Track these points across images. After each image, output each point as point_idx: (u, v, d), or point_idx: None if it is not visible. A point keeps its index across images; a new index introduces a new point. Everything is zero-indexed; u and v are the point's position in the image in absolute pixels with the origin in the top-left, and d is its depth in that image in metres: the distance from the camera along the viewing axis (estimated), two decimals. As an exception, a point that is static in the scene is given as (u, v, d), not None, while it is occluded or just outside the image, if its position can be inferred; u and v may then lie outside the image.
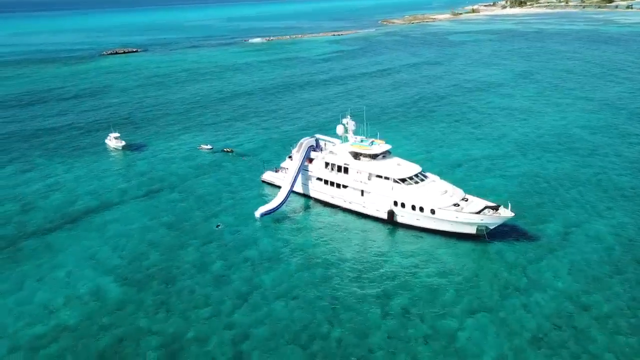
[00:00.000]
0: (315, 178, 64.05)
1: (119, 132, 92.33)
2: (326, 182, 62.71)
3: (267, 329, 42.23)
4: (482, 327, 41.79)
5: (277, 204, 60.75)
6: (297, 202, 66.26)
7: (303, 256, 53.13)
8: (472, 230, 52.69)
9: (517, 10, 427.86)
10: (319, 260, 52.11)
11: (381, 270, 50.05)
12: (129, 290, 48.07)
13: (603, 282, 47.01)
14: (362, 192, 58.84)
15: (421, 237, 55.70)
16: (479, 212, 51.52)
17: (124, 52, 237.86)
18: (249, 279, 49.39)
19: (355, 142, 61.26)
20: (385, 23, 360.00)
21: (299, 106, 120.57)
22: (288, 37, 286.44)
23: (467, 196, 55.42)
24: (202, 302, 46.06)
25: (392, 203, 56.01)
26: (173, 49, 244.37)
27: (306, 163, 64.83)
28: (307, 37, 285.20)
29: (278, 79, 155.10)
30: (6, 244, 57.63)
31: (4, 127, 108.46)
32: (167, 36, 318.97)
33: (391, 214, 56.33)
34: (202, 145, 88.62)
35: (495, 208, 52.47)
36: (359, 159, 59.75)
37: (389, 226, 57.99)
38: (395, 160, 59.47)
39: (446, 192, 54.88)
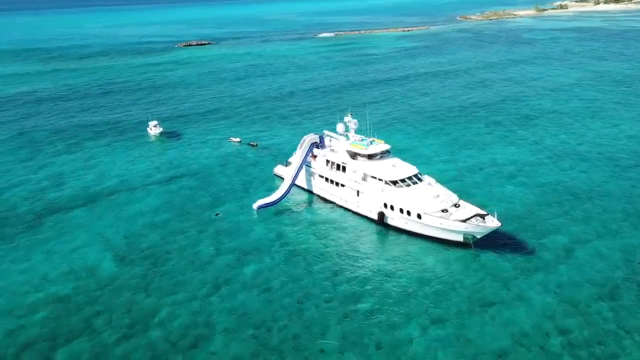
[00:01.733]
0: (317, 175, 64.62)
1: (157, 120, 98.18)
2: (327, 179, 63.07)
3: (231, 318, 43.61)
4: (442, 338, 40.44)
5: (275, 199, 62.09)
6: (300, 198, 67.18)
7: (289, 250, 54.05)
8: (459, 238, 50.90)
9: (611, 6, 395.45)
10: (303, 256, 52.75)
11: (360, 271, 49.76)
12: (121, 269, 51.56)
13: (592, 306, 43.57)
14: (358, 192, 58.60)
15: (409, 241, 54.47)
16: (465, 220, 49.61)
17: (197, 45, 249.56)
18: (231, 268, 51.15)
19: (355, 142, 60.99)
20: (461, 19, 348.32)
21: (348, 105, 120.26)
22: (357, 32, 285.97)
23: (460, 202, 53.44)
24: (181, 285, 48.42)
25: (383, 205, 55.37)
26: (244, 43, 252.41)
27: (311, 160, 65.58)
28: (376, 32, 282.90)
29: (337, 77, 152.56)
30: (32, 217, 63.76)
31: (73, 115, 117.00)
32: (242, 29, 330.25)
33: (381, 215, 55.69)
34: (231, 138, 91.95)
35: (489, 216, 50.33)
36: (356, 159, 59.48)
37: (380, 227, 57.40)
38: (391, 161, 58.48)
39: (438, 196, 53.24)
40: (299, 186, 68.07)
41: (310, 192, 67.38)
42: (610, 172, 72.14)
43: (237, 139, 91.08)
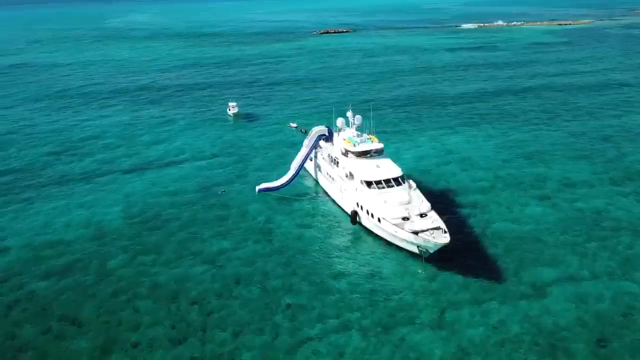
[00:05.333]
0: (321, 167, 65.45)
1: (236, 102, 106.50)
2: (326, 172, 63.59)
3: (172, 285, 47.58)
4: (339, 344, 39.72)
5: (276, 185, 64.60)
6: (306, 187, 68.51)
7: (264, 235, 56.00)
8: (414, 248, 48.21)
9: None
10: (272, 242, 54.53)
11: (311, 264, 49.98)
12: (121, 228, 59.01)
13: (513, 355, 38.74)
14: (344, 188, 58.26)
15: (376, 244, 52.77)
16: (417, 232, 46.71)
17: (335, 32, 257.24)
18: (205, 242, 55.06)
19: (350, 137, 60.25)
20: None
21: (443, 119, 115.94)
22: (505, 24, 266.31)
23: (431, 213, 50.03)
24: (156, 250, 53.57)
25: (355, 204, 54.55)
26: (381, 32, 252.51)
27: (320, 151, 66.50)
28: (526, 25, 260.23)
29: (451, 79, 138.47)
30: (92, 173, 75.76)
31: (196, 100, 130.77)
32: (390, 18, 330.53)
33: (354, 214, 54.90)
34: (290, 123, 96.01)
35: (445, 232, 46.73)
36: (347, 155, 58.87)
37: (356, 227, 56.22)
38: (378, 161, 56.53)
39: (406, 203, 50.56)
40: (312, 176, 69.71)
41: (317, 182, 68.66)
42: (677, 206, 59.86)
43: (294, 125, 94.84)
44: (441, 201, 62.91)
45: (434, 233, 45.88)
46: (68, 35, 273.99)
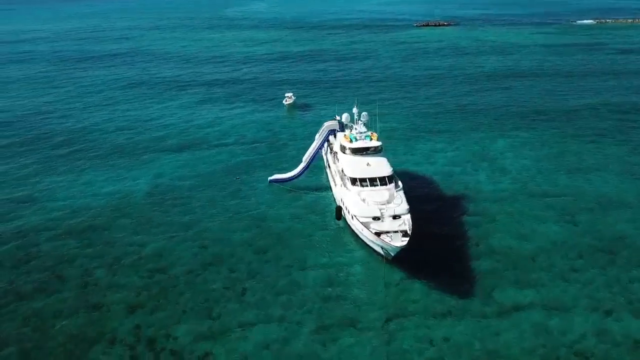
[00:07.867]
0: (329, 161, 65.52)
1: (292, 92, 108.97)
2: (329, 167, 63.59)
3: (155, 258, 51.41)
4: (271, 337, 40.65)
5: (287, 177, 65.83)
6: (318, 182, 68.62)
7: (257, 223, 57.82)
8: (379, 249, 46.91)
9: None
10: (260, 229, 56.12)
11: (284, 255, 50.98)
12: (141, 201, 64.39)
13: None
14: (337, 184, 58.00)
15: (356, 242, 52.29)
16: (379, 234, 45.29)
17: (435, 25, 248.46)
18: (200, 222, 58.14)
19: (350, 134, 59.25)
20: None
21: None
22: (630, 20, 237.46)
23: (405, 216, 48.05)
24: (155, 226, 57.77)
25: (340, 200, 54.10)
26: (486, 27, 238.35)
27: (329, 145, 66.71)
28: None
29: (527, 89, 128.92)
30: (141, 150, 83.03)
31: (264, 80, 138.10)
32: (498, 12, 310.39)
33: (339, 210, 54.45)
34: (336, 117, 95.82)
35: (405, 235, 44.90)
36: (345, 151, 58.17)
37: (341, 222, 55.84)
38: (370, 159, 54.96)
39: (382, 203, 49.03)
40: (325, 170, 70.13)
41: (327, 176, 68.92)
42: None
43: (338, 118, 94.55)
44: (449, 206, 60.30)
45: (393, 236, 44.37)
46: (184, 24, 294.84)
